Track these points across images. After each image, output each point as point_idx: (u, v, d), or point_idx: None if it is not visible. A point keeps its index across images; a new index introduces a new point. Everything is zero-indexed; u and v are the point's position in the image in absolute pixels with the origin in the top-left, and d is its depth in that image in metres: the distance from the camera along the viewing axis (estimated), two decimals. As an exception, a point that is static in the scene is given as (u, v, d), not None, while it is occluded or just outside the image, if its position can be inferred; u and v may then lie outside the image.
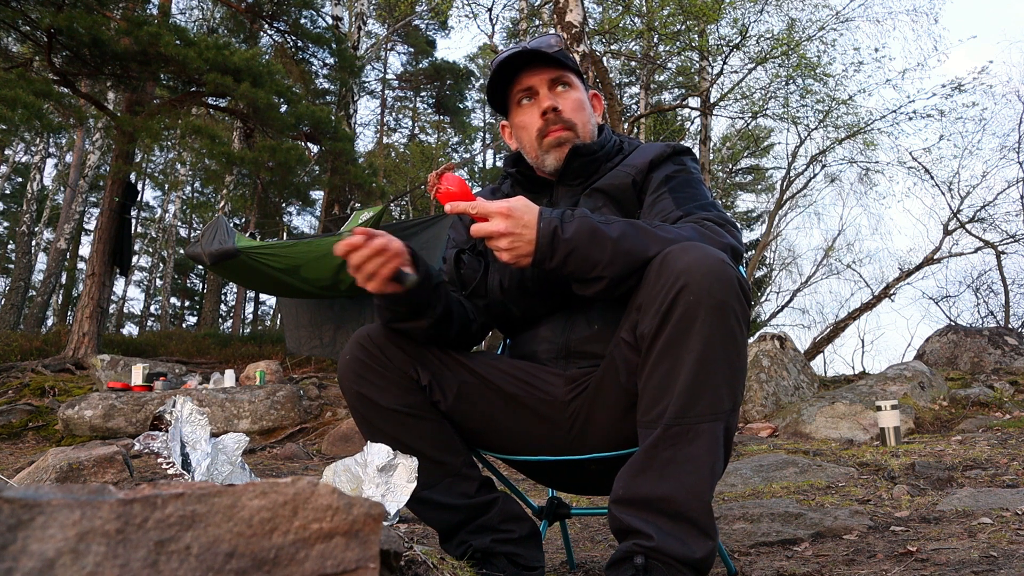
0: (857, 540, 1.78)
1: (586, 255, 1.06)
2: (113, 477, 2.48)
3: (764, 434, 4.50)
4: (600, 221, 1.09)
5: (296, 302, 7.55)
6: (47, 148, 16.79)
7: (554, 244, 1.06)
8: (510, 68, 1.34)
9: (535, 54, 1.32)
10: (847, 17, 11.51)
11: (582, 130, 1.35)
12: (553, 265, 1.07)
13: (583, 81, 1.41)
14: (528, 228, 1.07)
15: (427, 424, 1.25)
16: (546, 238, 1.06)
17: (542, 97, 1.33)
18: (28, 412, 5.40)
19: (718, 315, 0.99)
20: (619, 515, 1.02)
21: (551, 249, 1.06)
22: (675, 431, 0.99)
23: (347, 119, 10.55)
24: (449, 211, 1.10)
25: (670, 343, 1.01)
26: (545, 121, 1.33)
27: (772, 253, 18.52)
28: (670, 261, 1.03)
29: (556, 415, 1.26)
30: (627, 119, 11.82)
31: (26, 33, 7.24)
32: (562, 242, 1.06)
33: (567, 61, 1.35)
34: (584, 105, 1.37)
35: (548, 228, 1.06)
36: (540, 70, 1.33)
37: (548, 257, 1.06)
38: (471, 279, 1.39)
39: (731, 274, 1.01)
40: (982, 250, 11.95)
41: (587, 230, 1.07)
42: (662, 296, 1.01)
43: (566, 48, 1.37)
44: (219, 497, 0.48)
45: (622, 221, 1.11)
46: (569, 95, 1.35)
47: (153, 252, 24.29)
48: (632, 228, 1.10)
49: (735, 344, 1.02)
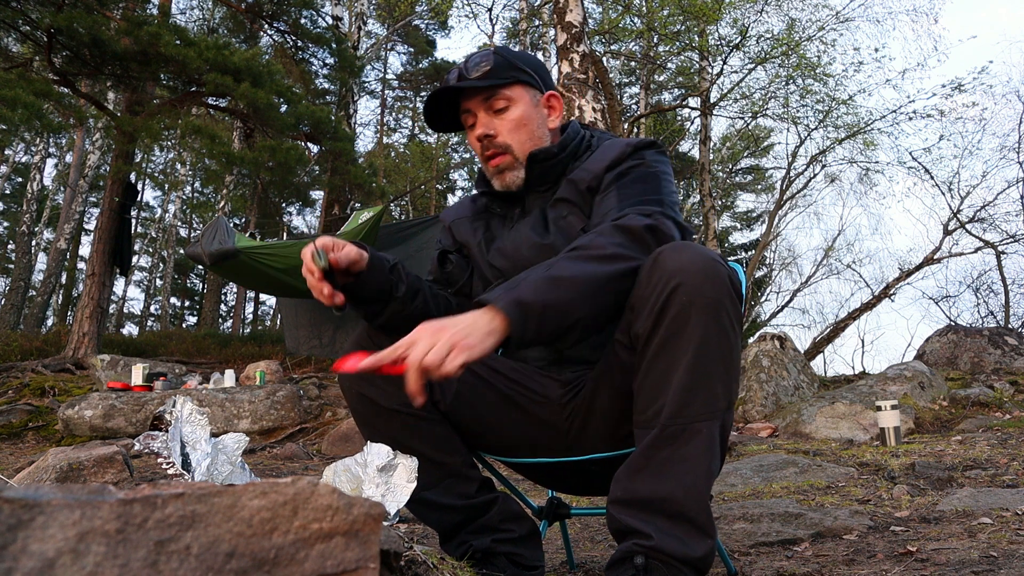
0: (857, 540, 1.77)
1: (556, 305, 1.00)
2: (113, 477, 2.48)
3: (764, 434, 4.50)
4: (547, 269, 1.03)
5: (296, 302, 7.55)
6: (47, 148, 16.78)
7: (524, 312, 0.98)
8: (445, 95, 1.31)
9: (459, 89, 1.29)
10: (847, 17, 11.51)
11: (520, 150, 1.31)
12: (531, 333, 0.99)
13: (536, 81, 1.35)
14: (462, 322, 0.96)
15: (427, 424, 1.25)
16: (513, 311, 0.97)
17: (478, 122, 1.31)
18: (28, 412, 5.40)
19: (712, 314, 0.99)
20: (618, 515, 1.02)
21: (523, 319, 0.98)
22: (672, 431, 1.00)
23: (347, 119, 10.55)
24: (361, 369, 1.00)
25: (664, 343, 1.01)
26: (482, 147, 1.32)
27: (772, 253, 18.52)
28: (662, 261, 1.02)
29: (553, 417, 1.26)
30: (627, 119, 11.83)
31: (26, 33, 7.24)
32: (529, 304, 0.98)
33: (501, 76, 1.29)
34: (525, 120, 1.31)
35: (509, 302, 0.98)
36: (473, 94, 1.30)
37: (523, 326, 0.98)
38: (458, 278, 1.41)
39: (723, 273, 1.01)
40: (982, 250, 11.93)
41: (543, 283, 1.01)
42: (655, 296, 1.01)
43: (505, 61, 1.30)
44: (219, 497, 0.48)
45: (563, 259, 1.06)
46: (507, 116, 1.30)
47: (153, 252, 24.29)
48: (574, 260, 1.05)
49: (729, 343, 1.02)
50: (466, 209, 1.45)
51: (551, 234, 1.28)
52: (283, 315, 9.30)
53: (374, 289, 1.21)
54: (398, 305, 1.24)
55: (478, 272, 1.39)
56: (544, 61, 13.17)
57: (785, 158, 14.23)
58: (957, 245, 13.46)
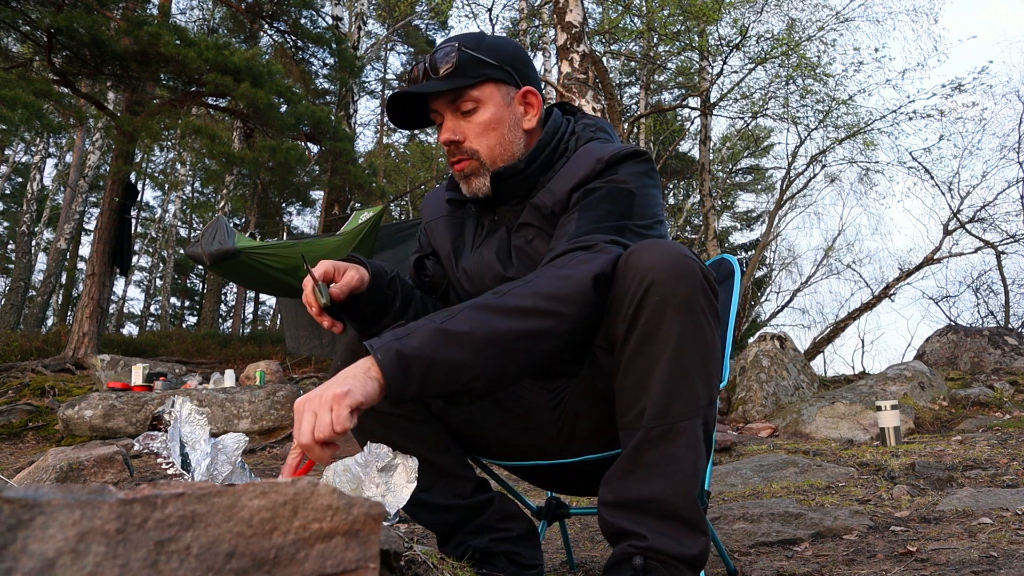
0: (857, 540, 1.77)
1: (445, 362, 0.92)
2: (113, 477, 2.48)
3: (764, 434, 4.50)
4: (443, 320, 0.95)
5: (296, 302, 7.55)
6: (47, 148, 16.78)
7: (405, 365, 0.90)
8: (409, 97, 1.23)
9: (420, 93, 1.21)
10: (847, 17, 11.50)
11: (488, 155, 1.22)
12: (414, 390, 0.91)
13: (509, 76, 1.23)
14: (338, 377, 0.89)
15: (420, 426, 1.25)
16: (391, 365, 0.89)
17: (444, 125, 1.23)
18: (28, 412, 5.40)
19: (686, 311, 0.99)
20: (610, 519, 1.02)
21: (404, 373, 0.90)
22: (656, 432, 0.99)
23: (347, 119, 10.55)
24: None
25: (641, 344, 1.00)
26: (449, 152, 1.24)
27: (772, 253, 18.51)
28: (633, 261, 1.01)
29: (542, 422, 1.26)
30: (627, 119, 11.83)
31: (26, 33, 7.24)
32: (413, 360, 0.90)
33: (468, 75, 1.18)
34: (495, 122, 1.21)
35: (389, 353, 0.89)
36: (438, 96, 1.21)
37: (403, 383, 0.90)
38: (437, 284, 1.37)
39: (694, 267, 1.00)
40: (982, 250, 11.92)
41: (433, 336, 0.92)
42: (629, 297, 1.00)
43: (471, 57, 1.19)
44: (219, 497, 0.48)
45: (467, 308, 0.97)
46: (474, 118, 1.21)
47: (153, 252, 24.29)
48: (479, 311, 0.97)
49: (705, 339, 1.01)
50: (443, 206, 1.39)
51: (514, 266, 1.23)
52: (283, 315, 9.30)
53: (371, 305, 1.21)
54: (391, 320, 1.23)
55: (451, 282, 1.36)
56: (544, 61, 13.15)
57: (785, 158, 14.23)
58: (957, 245, 13.48)
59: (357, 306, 1.19)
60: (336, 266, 1.15)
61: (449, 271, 1.35)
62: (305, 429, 0.87)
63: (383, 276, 1.22)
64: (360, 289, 1.16)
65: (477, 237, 1.32)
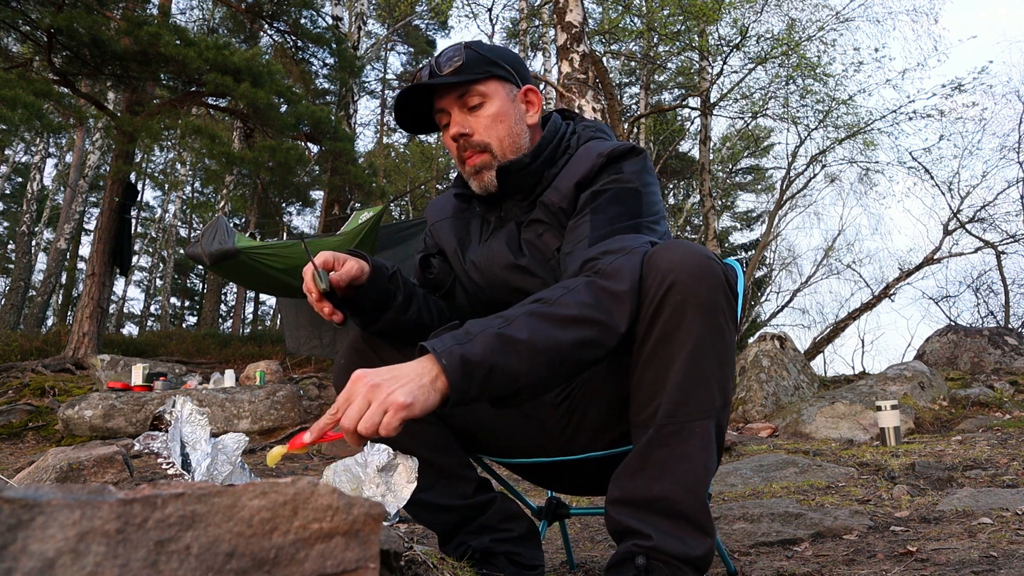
0: (857, 540, 1.77)
1: (503, 369, 0.91)
2: (113, 477, 2.48)
3: (764, 434, 4.50)
4: (501, 326, 0.94)
5: (296, 302, 7.55)
6: (47, 148, 16.78)
7: (468, 372, 0.89)
8: (416, 94, 1.25)
9: (431, 86, 1.23)
10: (847, 17, 11.51)
11: (499, 147, 1.24)
12: (475, 393, 0.91)
13: (511, 75, 1.28)
14: (402, 375, 0.87)
15: (422, 426, 1.24)
16: (456, 371, 0.88)
17: (452, 121, 1.25)
18: (28, 412, 5.41)
19: (707, 313, 0.99)
20: (616, 516, 1.02)
21: (467, 379, 0.89)
22: (668, 430, 0.99)
23: (347, 119, 10.55)
24: (306, 442, 0.94)
25: (660, 343, 1.00)
26: (458, 147, 1.26)
27: (772, 253, 18.52)
28: (655, 260, 1.01)
29: (547, 418, 1.26)
30: (627, 119, 11.83)
31: (26, 33, 7.24)
32: (476, 366, 0.89)
33: (474, 71, 1.22)
34: (503, 115, 1.24)
35: (453, 358, 0.89)
36: (446, 92, 1.24)
37: (465, 389, 0.89)
38: (442, 282, 1.38)
39: (718, 271, 1.00)
40: (982, 250, 11.94)
41: (495, 342, 0.92)
42: (650, 296, 1.00)
43: (477, 55, 1.23)
44: (219, 497, 0.48)
45: (522, 315, 0.96)
46: (482, 112, 1.23)
47: (153, 252, 24.29)
48: (534, 319, 0.96)
49: (724, 342, 1.01)
50: (448, 208, 1.40)
51: (525, 255, 1.24)
52: (283, 315, 9.30)
53: (372, 300, 1.21)
54: (393, 315, 1.24)
55: (458, 278, 1.37)
56: (544, 61, 13.15)
57: (785, 158, 14.24)
58: (957, 245, 13.48)
59: (358, 300, 1.19)
60: (336, 256, 1.16)
61: (456, 266, 1.36)
62: (352, 414, 0.85)
63: (384, 270, 1.23)
64: (360, 279, 1.17)
65: (484, 232, 1.34)
